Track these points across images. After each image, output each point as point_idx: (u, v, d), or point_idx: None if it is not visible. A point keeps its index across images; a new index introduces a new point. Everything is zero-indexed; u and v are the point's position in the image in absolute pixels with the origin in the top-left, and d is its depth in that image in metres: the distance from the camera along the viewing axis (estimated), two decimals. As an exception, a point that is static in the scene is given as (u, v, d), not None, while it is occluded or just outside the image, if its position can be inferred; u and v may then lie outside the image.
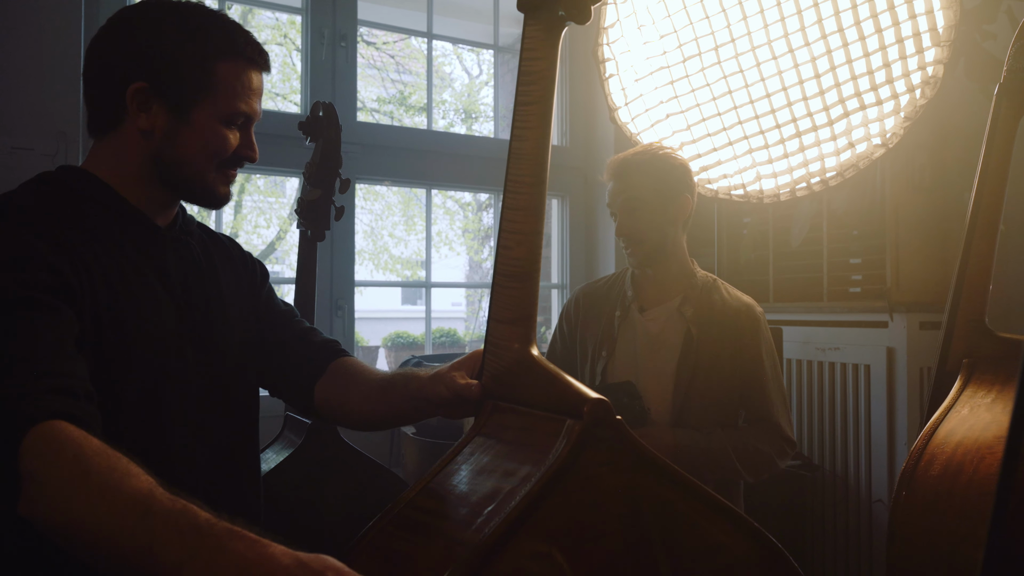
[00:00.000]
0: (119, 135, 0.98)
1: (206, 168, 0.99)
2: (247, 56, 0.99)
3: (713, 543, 0.73)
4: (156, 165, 0.98)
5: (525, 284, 0.80)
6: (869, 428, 2.36)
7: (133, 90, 0.94)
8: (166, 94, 0.95)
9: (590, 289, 1.72)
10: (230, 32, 0.98)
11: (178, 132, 0.96)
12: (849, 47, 1.56)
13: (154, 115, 0.95)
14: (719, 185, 1.76)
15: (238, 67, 0.98)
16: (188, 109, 0.96)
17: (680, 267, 1.62)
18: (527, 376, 0.78)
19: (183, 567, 0.61)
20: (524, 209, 0.80)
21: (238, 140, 1.00)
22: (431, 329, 2.91)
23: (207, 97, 0.96)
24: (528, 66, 0.79)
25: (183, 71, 0.95)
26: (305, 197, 1.77)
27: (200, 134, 0.97)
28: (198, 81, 0.95)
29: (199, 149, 0.97)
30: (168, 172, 0.98)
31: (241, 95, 0.98)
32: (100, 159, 0.99)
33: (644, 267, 1.61)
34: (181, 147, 0.97)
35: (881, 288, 2.34)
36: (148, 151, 0.97)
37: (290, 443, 1.58)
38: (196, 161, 0.98)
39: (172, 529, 0.62)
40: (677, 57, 1.66)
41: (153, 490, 0.65)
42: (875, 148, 1.65)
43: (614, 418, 0.70)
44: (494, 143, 2.98)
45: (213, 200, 1.03)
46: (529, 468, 0.69)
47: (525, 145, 0.80)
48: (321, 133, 1.76)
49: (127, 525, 0.63)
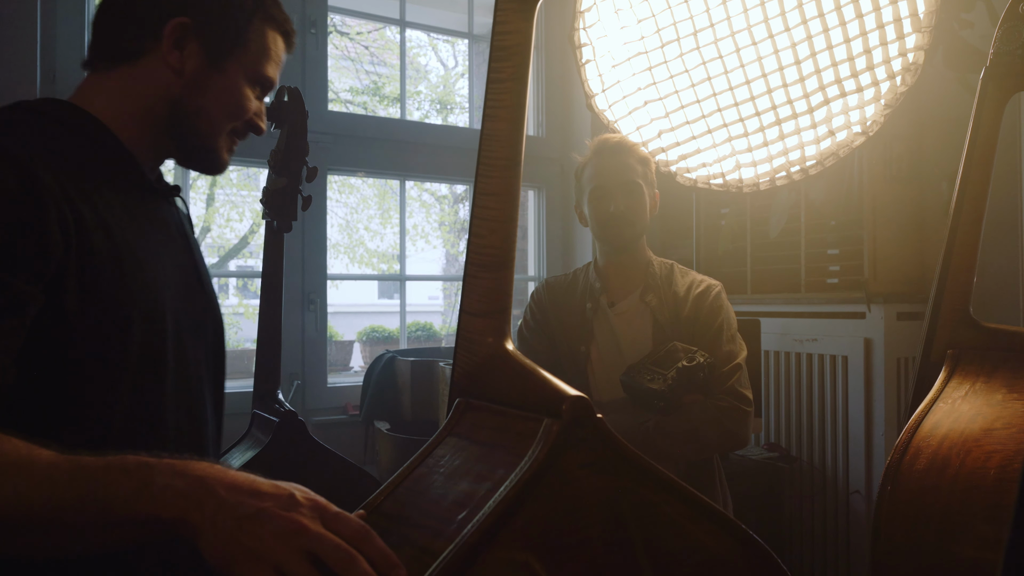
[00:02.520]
0: (136, 69, 0.91)
1: (222, 123, 0.95)
2: (281, 26, 0.99)
3: (698, 545, 0.70)
4: (173, 109, 0.92)
5: (499, 274, 0.75)
6: (847, 419, 2.35)
7: (175, 24, 0.89)
8: (207, 36, 0.91)
9: (555, 281, 1.72)
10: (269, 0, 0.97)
11: (209, 78, 0.92)
12: (830, 32, 1.53)
13: (188, 55, 0.91)
14: (698, 174, 1.73)
15: (273, 33, 0.97)
16: (224, 59, 0.92)
17: (642, 257, 1.64)
18: (501, 372, 0.73)
19: (140, 496, 0.60)
20: (497, 194, 0.75)
21: (256, 107, 0.98)
22: (406, 323, 2.85)
23: (241, 52, 0.93)
24: (501, 40, 0.74)
25: (226, 19, 0.92)
26: (270, 186, 1.69)
27: (229, 85, 0.93)
28: (237, 33, 0.93)
29: (223, 101, 0.94)
30: (183, 119, 0.93)
31: (271, 59, 0.97)
32: (97, 93, 0.91)
33: (622, 251, 1.60)
34: (207, 94, 0.92)
35: (859, 279, 2.34)
36: (169, 92, 0.91)
37: (257, 442, 1.52)
38: (216, 113, 0.94)
39: (118, 470, 0.61)
40: (655, 42, 1.62)
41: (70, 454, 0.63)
42: (855, 136, 1.62)
43: (595, 417, 0.66)
44: (470, 133, 2.93)
45: (214, 162, 0.98)
46: (504, 471, 0.64)
47: (498, 125, 0.75)
48: (286, 119, 1.68)
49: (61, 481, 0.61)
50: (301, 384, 2.41)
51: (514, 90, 0.74)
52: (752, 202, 2.69)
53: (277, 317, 1.68)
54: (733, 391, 1.46)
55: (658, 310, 1.55)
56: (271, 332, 1.67)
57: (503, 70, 0.74)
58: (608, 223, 1.57)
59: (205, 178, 7.74)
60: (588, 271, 1.67)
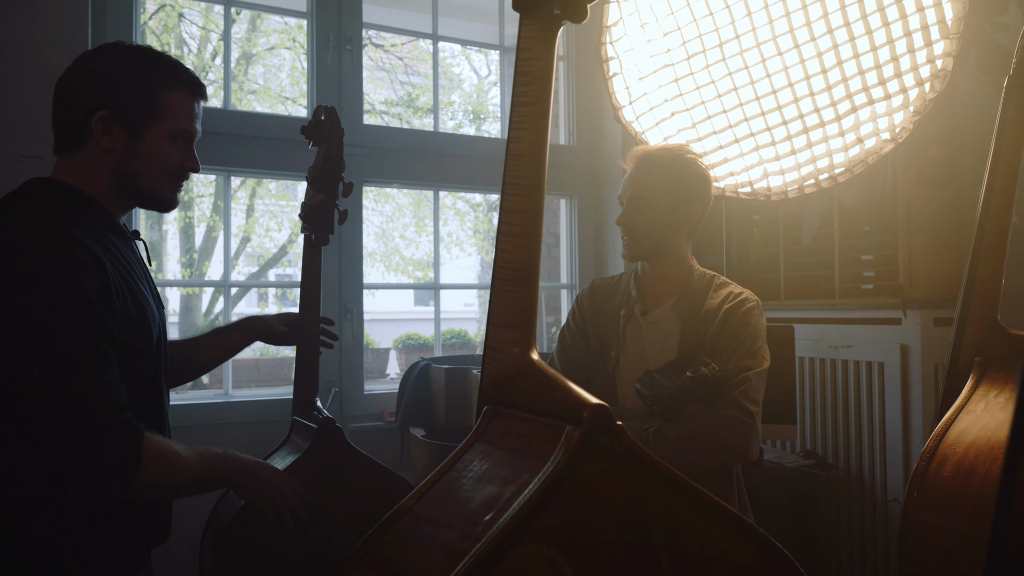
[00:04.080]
0: (85, 154, 1.19)
1: (158, 178, 1.23)
2: (188, 86, 1.24)
3: (718, 550, 0.72)
4: (118, 177, 1.20)
5: (524, 287, 0.79)
6: (884, 426, 2.33)
7: (98, 116, 1.16)
8: (124, 119, 1.18)
9: (601, 284, 1.72)
10: (174, 68, 1.23)
11: (135, 149, 1.20)
12: (856, 41, 1.54)
13: (115, 136, 1.18)
14: (726, 183, 1.75)
15: (182, 95, 1.23)
16: (143, 130, 1.19)
17: (679, 268, 1.62)
18: (527, 381, 0.77)
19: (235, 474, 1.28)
20: (522, 212, 0.79)
21: (182, 155, 1.24)
22: (440, 331, 2.90)
23: (157, 120, 1.20)
24: (524, 67, 0.78)
25: (138, 100, 1.19)
26: (308, 201, 1.74)
27: (152, 149, 1.20)
28: (150, 108, 1.19)
29: (152, 161, 1.21)
30: (128, 181, 1.21)
31: (184, 117, 1.23)
32: (71, 174, 1.19)
33: (634, 259, 1.62)
34: (138, 161, 1.20)
35: (894, 284, 2.31)
36: (111, 166, 1.19)
37: (296, 447, 1.57)
38: (150, 172, 1.22)
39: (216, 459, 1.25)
40: (681, 55, 1.64)
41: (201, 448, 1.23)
42: (884, 143, 1.62)
43: (615, 424, 0.69)
44: (501, 143, 2.97)
45: (164, 203, 1.27)
46: (528, 475, 0.68)
47: (522, 147, 0.79)
48: (323, 137, 1.72)
49: (202, 467, 1.20)
50: (339, 392, 2.48)
51: (537, 113, 0.78)
52: (784, 208, 2.68)
53: (316, 327, 1.72)
54: (735, 401, 1.42)
55: (687, 321, 1.54)
56: (311, 344, 1.71)
57: (526, 94, 0.78)
58: (621, 232, 1.60)
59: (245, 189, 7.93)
60: (631, 277, 1.68)
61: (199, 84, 1.26)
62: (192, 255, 7.69)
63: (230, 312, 2.62)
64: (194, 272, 7.74)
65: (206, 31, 7.01)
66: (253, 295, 10.79)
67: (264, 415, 2.35)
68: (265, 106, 7.42)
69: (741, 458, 1.45)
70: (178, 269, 7.95)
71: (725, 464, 1.51)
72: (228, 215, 2.56)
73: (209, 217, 7.62)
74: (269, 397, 2.46)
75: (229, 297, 2.79)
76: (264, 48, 7.37)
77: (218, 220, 7.44)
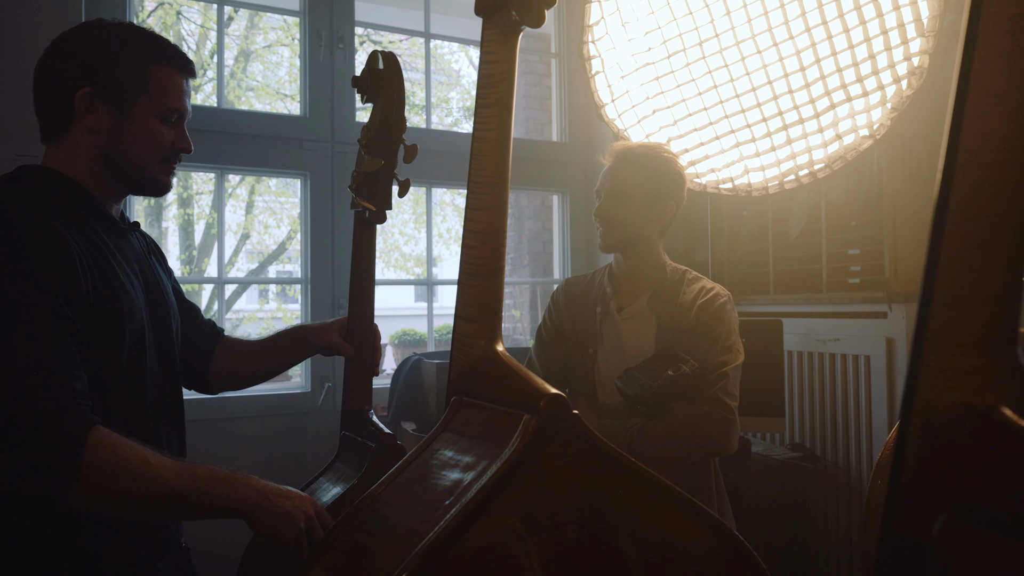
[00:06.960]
0: (70, 137, 1.11)
1: (148, 158, 1.14)
2: (174, 61, 1.15)
3: (670, 533, 0.75)
4: (106, 159, 1.12)
5: (489, 282, 0.82)
6: (870, 418, 2.36)
7: (80, 95, 1.08)
8: (109, 96, 1.10)
9: (575, 281, 1.75)
10: (158, 42, 1.15)
11: (122, 128, 1.11)
12: (833, 39, 1.56)
13: (100, 115, 1.10)
14: (707, 179, 1.77)
15: (168, 70, 1.14)
16: (129, 108, 1.11)
17: (652, 263, 1.64)
18: (491, 372, 0.80)
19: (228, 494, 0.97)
20: (486, 209, 0.82)
21: (172, 135, 1.15)
22: (433, 327, 2.93)
23: (144, 97, 1.11)
24: (487, 69, 0.81)
25: (122, 75, 1.10)
26: (362, 168, 1.38)
27: (140, 128, 1.12)
28: (135, 83, 1.11)
29: (141, 142, 1.12)
30: (116, 165, 1.12)
31: (173, 94, 1.14)
32: (57, 160, 1.12)
33: (609, 251, 1.64)
34: (125, 141, 1.11)
35: (880, 279, 2.34)
36: (97, 148, 1.11)
37: (347, 472, 1.35)
38: (139, 152, 1.13)
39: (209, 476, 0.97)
40: (661, 53, 1.67)
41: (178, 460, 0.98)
42: (863, 139, 1.65)
43: (570, 412, 0.72)
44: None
45: (156, 187, 1.18)
46: (488, 462, 0.71)
47: (486, 146, 0.81)
48: (380, 91, 1.37)
49: (183, 482, 0.94)
50: (332, 387, 2.51)
51: (499, 114, 0.80)
52: (772, 204, 2.70)
53: (370, 327, 1.41)
54: (715, 397, 1.46)
55: (663, 316, 1.57)
56: (363, 346, 1.39)
57: (489, 96, 0.81)
58: (597, 224, 1.62)
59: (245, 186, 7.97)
60: (605, 274, 1.70)
61: (186, 60, 1.17)
62: (192, 252, 7.73)
63: (225, 309, 2.65)
64: (193, 269, 7.79)
65: (204, 29, 7.04)
66: (254, 291, 10.84)
67: (273, 410, 2.40)
68: (264, 103, 7.45)
69: (722, 452, 1.48)
70: (178, 266, 7.99)
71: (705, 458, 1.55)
72: (222, 213, 2.59)
73: (209, 214, 7.66)
74: (275, 392, 2.51)
75: (223, 294, 2.82)
76: (262, 46, 7.40)
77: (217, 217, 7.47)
